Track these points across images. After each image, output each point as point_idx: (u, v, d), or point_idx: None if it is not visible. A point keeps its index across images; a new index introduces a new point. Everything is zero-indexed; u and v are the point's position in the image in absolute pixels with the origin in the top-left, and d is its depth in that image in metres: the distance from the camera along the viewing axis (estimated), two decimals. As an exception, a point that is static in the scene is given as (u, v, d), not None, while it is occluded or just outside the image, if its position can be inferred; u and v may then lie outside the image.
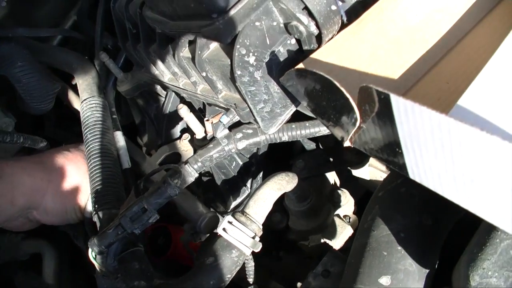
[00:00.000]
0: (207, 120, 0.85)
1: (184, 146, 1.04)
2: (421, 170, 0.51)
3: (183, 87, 0.87)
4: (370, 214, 0.74)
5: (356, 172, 1.03)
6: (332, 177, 1.07)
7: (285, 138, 0.84)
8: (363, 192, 1.13)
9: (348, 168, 1.05)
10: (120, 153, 1.02)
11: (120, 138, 1.04)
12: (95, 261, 0.80)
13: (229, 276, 0.81)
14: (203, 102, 0.91)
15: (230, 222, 0.81)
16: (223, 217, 0.85)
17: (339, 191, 1.03)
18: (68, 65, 1.18)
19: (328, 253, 0.84)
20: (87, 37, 1.29)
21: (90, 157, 0.95)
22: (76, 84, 1.18)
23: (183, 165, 0.82)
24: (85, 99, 1.06)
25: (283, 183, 0.88)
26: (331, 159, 1.01)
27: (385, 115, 0.51)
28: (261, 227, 0.84)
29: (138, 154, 1.06)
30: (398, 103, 0.48)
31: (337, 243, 0.98)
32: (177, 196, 0.80)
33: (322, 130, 0.84)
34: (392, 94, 0.48)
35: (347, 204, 1.03)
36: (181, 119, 1.13)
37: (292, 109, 0.75)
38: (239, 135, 0.84)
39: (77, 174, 1.00)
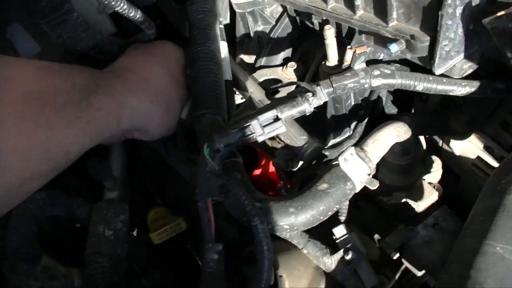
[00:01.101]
0: (350, 48, 0.82)
1: (288, 74, 1.01)
2: None
3: (330, 10, 0.84)
4: (505, 178, 0.73)
5: (453, 144, 1.02)
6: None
7: (419, 88, 0.82)
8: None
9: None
10: (223, 63, 0.98)
11: (224, 49, 0.99)
12: (208, 157, 0.77)
13: (337, 206, 0.80)
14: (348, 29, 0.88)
15: (351, 154, 0.80)
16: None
17: (432, 157, 1.02)
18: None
19: (441, 208, 0.84)
20: None
21: (197, 60, 0.91)
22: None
23: (315, 86, 0.79)
24: (196, 2, 1.01)
25: (401, 132, 0.87)
26: (437, 124, 0.99)
27: None
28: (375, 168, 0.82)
29: (239, 70, 1.02)
30: None
31: (420, 206, 0.98)
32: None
33: (456, 89, 0.83)
34: None
35: (436, 172, 1.02)
36: (286, 46, 1.10)
37: (459, 58, 0.73)
38: (376, 72, 0.81)
39: (181, 91, 0.95)
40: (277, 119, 0.75)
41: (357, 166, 0.79)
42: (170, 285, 1.20)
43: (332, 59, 0.86)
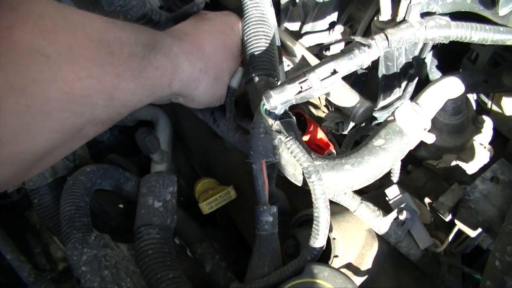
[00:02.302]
0: (405, -1, 0.81)
1: (335, 37, 1.00)
2: None
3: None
4: None
5: (504, 104, 1.00)
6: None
7: (475, 38, 0.81)
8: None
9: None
10: (272, 29, 0.97)
11: (272, 15, 0.99)
12: (265, 115, 0.77)
13: (392, 163, 0.79)
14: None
15: (406, 108, 0.79)
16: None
17: (483, 117, 1.00)
18: None
19: (498, 161, 0.82)
20: None
21: (249, 23, 0.91)
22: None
23: (370, 40, 0.79)
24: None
25: (454, 88, 0.85)
26: (488, 80, 0.98)
27: None
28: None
29: (286, 36, 1.02)
30: None
31: (472, 167, 0.96)
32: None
33: (516, 39, 0.81)
34: None
35: (487, 132, 1.00)
36: (332, 10, 1.09)
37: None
38: (431, 23, 0.80)
39: (232, 64, 0.96)
40: (334, 72, 0.74)
41: (413, 120, 0.78)
42: (216, 258, 1.20)
43: (385, 13, 0.84)
